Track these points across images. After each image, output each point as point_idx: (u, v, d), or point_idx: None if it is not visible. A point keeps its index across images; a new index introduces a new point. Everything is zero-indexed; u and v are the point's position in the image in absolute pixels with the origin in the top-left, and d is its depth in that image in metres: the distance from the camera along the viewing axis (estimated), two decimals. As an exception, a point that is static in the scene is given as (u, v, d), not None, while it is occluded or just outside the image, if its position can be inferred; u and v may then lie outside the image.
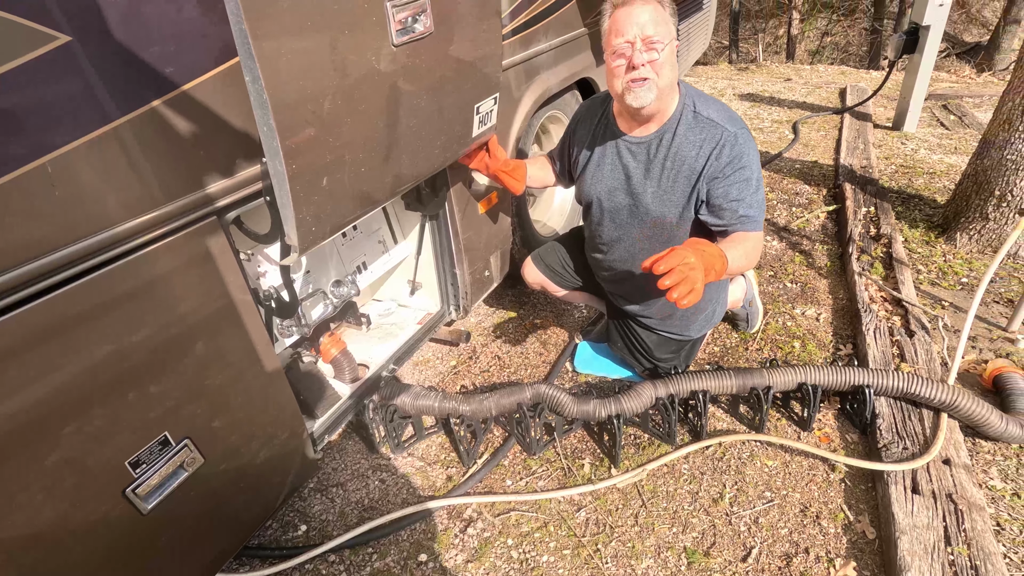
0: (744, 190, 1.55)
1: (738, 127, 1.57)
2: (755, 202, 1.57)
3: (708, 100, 1.63)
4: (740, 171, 1.54)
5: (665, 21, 1.49)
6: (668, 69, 1.50)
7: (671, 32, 1.50)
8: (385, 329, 2.18)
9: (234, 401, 1.28)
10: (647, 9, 1.47)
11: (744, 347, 2.26)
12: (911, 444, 1.65)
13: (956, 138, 4.07)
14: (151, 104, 1.02)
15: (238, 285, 1.23)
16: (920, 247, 2.76)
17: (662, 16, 1.48)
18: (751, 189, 1.56)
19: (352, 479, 1.88)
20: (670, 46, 1.49)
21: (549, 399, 1.83)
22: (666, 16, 1.49)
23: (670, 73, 1.51)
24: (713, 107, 1.60)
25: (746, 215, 1.56)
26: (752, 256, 1.58)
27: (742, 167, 1.54)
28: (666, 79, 1.51)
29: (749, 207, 1.56)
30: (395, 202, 2.06)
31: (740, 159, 1.54)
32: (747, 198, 1.55)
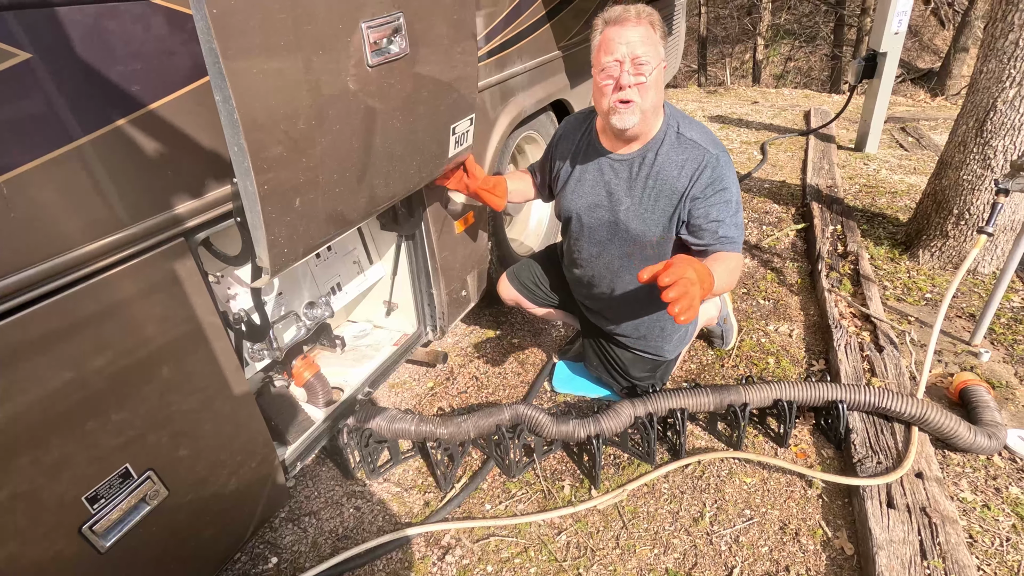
0: (724, 211, 1.57)
1: (720, 150, 1.59)
2: (735, 223, 1.58)
3: (692, 122, 1.65)
4: (721, 192, 1.56)
5: (655, 43, 1.50)
6: (654, 92, 1.51)
7: (660, 54, 1.51)
8: (360, 351, 2.14)
9: (201, 429, 1.23)
10: (638, 30, 1.47)
11: (720, 364, 2.28)
12: (884, 458, 1.67)
13: (915, 159, 4.24)
14: (116, 123, 1.00)
15: (206, 308, 1.19)
16: (885, 264, 2.84)
17: (652, 38, 1.49)
18: (731, 211, 1.57)
19: (326, 507, 1.82)
20: (658, 69, 1.51)
21: (528, 420, 1.81)
22: (656, 39, 1.50)
23: (655, 96, 1.52)
24: (696, 129, 1.63)
25: (726, 236, 1.57)
26: (734, 275, 1.57)
27: (723, 189, 1.56)
28: (651, 102, 1.52)
29: (729, 228, 1.57)
30: (370, 222, 2.04)
31: (721, 181, 1.56)
32: (727, 219, 1.57)
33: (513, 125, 2.27)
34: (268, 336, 1.54)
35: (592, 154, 1.73)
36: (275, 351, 1.59)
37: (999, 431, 1.72)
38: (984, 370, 2.10)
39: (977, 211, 2.55)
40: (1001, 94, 2.38)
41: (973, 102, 2.52)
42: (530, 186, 2.02)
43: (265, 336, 1.39)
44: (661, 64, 1.52)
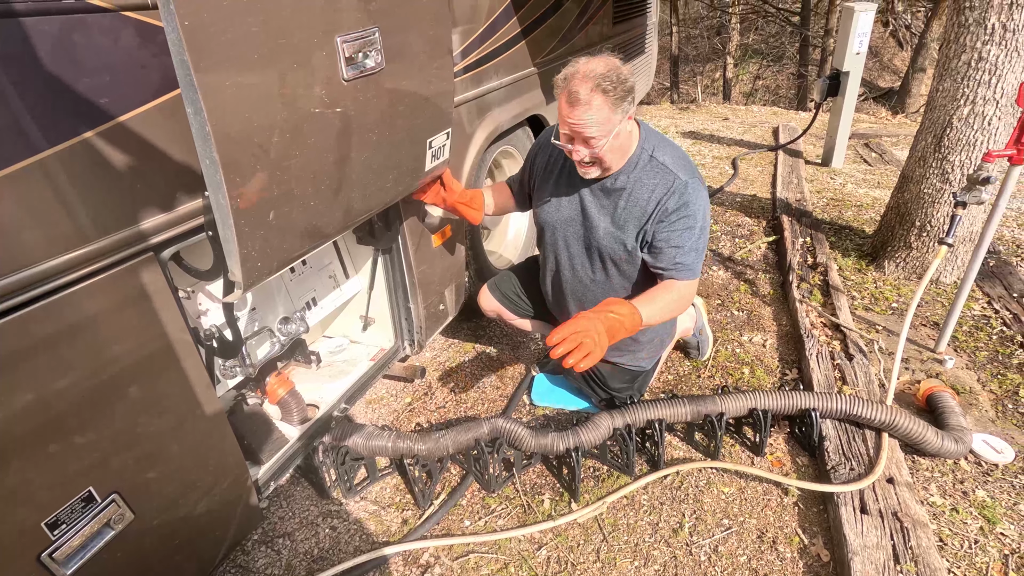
0: (685, 238, 1.58)
1: (690, 176, 1.59)
2: (693, 250, 1.59)
3: (666, 146, 1.65)
4: (685, 219, 1.57)
5: (604, 120, 1.44)
6: (612, 153, 1.54)
7: (612, 124, 1.46)
8: (336, 367, 2.11)
9: (170, 450, 1.20)
10: (585, 114, 1.43)
11: (696, 375, 2.30)
12: (857, 464, 1.71)
13: (878, 173, 4.39)
14: (83, 136, 0.97)
15: (176, 324, 1.16)
16: (853, 275, 2.92)
17: (600, 116, 1.43)
18: (692, 238, 1.58)
19: (300, 528, 1.77)
20: (613, 135, 1.48)
21: (507, 433, 1.80)
22: (606, 110, 1.43)
23: (614, 156, 1.55)
24: (670, 153, 1.63)
25: (682, 262, 1.59)
26: (676, 307, 1.61)
27: (687, 215, 1.57)
28: (608, 161, 1.56)
29: (687, 255, 1.59)
30: (346, 236, 2.02)
31: (687, 207, 1.57)
32: (686, 245, 1.58)
33: (490, 140, 2.28)
34: (241, 353, 1.51)
35: (568, 170, 1.75)
36: (248, 368, 1.55)
37: (965, 435, 1.77)
38: (949, 376, 2.17)
39: (938, 223, 2.65)
40: (956, 112, 2.49)
41: (931, 119, 2.63)
42: (508, 199, 2.03)
43: (237, 353, 1.36)
44: (615, 130, 1.48)
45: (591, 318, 1.39)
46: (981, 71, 2.39)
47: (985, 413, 1.99)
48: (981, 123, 2.44)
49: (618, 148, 1.55)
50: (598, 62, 1.46)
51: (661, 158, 1.62)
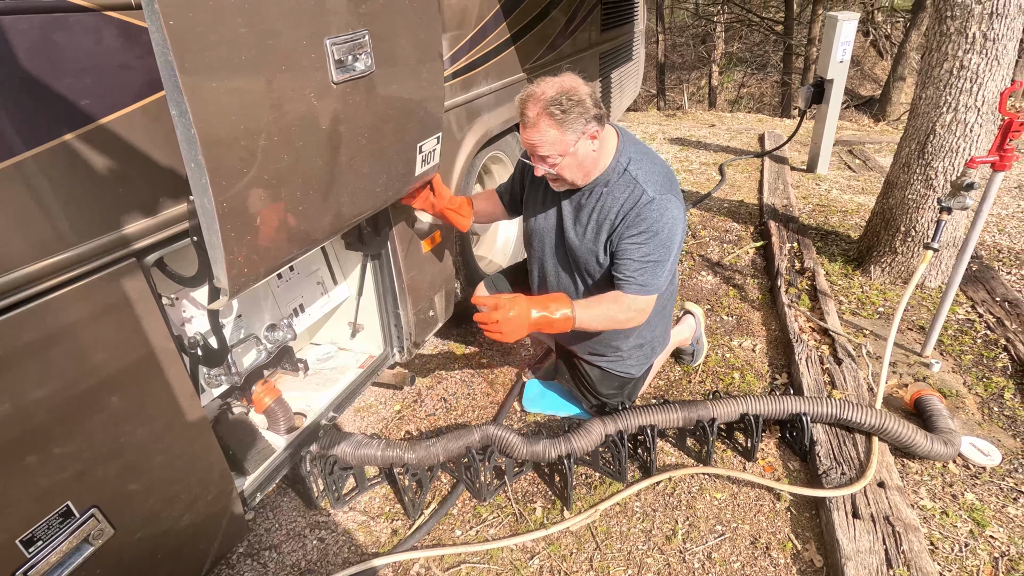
0: (639, 253, 1.58)
1: (661, 191, 1.57)
2: (646, 266, 1.59)
3: (643, 159, 1.64)
4: (642, 234, 1.57)
5: (554, 141, 1.50)
6: (571, 170, 1.57)
7: (565, 144, 1.51)
8: (324, 375, 2.08)
9: (152, 461, 1.16)
10: (536, 133, 1.51)
11: (687, 380, 2.30)
12: (848, 469, 1.71)
13: (863, 179, 4.46)
14: (63, 138, 0.95)
15: (159, 332, 1.13)
16: (840, 279, 2.95)
17: (549, 137, 1.49)
18: (646, 252, 1.58)
19: (287, 540, 1.73)
20: (569, 154, 1.53)
21: (498, 441, 1.78)
22: (554, 134, 1.49)
23: (575, 172, 1.58)
24: (645, 167, 1.62)
25: (632, 277, 1.60)
26: (622, 318, 1.63)
27: (645, 231, 1.57)
28: (572, 175, 1.59)
29: (638, 270, 1.59)
30: (335, 241, 1.99)
31: (649, 223, 1.56)
32: (638, 261, 1.59)
33: (479, 145, 2.27)
34: (226, 361, 1.48)
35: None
36: (234, 376, 1.52)
37: (954, 438, 1.78)
38: (936, 380, 2.19)
39: (922, 228, 2.68)
40: (939, 119, 2.53)
41: (914, 126, 2.67)
42: (497, 206, 2.02)
43: (223, 361, 1.32)
44: (571, 149, 1.52)
45: (520, 306, 1.53)
46: (963, 79, 2.43)
47: (972, 416, 2.01)
48: (963, 130, 2.48)
49: (577, 165, 1.57)
50: (550, 85, 1.49)
51: (634, 171, 1.62)
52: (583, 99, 1.49)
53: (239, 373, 1.54)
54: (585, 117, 1.50)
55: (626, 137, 1.69)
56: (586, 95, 1.50)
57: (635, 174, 1.62)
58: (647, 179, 1.61)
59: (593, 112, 1.51)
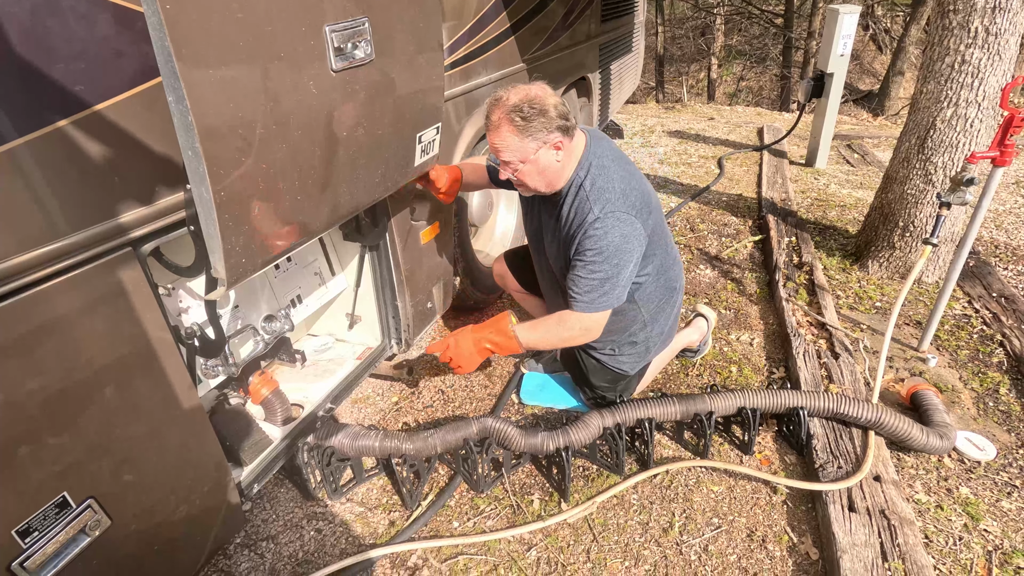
0: (583, 272, 1.59)
1: (609, 209, 1.56)
2: (594, 285, 1.59)
3: (602, 172, 1.61)
4: (586, 252, 1.58)
5: (515, 147, 1.52)
6: (532, 178, 1.59)
7: (525, 151, 1.53)
8: (321, 366, 2.07)
9: (149, 453, 1.15)
10: (498, 137, 1.53)
11: (684, 373, 2.30)
12: (844, 463, 1.72)
13: (861, 174, 4.45)
14: (56, 124, 0.93)
15: (155, 323, 1.12)
16: (838, 274, 2.95)
17: (510, 143, 1.51)
18: (594, 272, 1.58)
19: (284, 531, 1.73)
20: (530, 161, 1.55)
21: (496, 433, 1.78)
22: (515, 140, 1.51)
23: (537, 179, 1.60)
24: (600, 181, 1.60)
25: (579, 295, 1.61)
26: (564, 336, 1.69)
27: (591, 248, 1.57)
28: (533, 183, 1.61)
29: (579, 288, 1.61)
30: (332, 232, 1.98)
31: (593, 241, 1.56)
32: (581, 281, 1.60)
33: (479, 136, 2.26)
34: (223, 352, 1.47)
35: None
36: (231, 367, 1.51)
37: (949, 431, 1.79)
38: (932, 375, 2.20)
39: (920, 223, 2.68)
40: (940, 114, 2.52)
41: (915, 121, 2.66)
42: (483, 179, 2.00)
43: (220, 352, 1.31)
44: (532, 157, 1.54)
45: (464, 337, 1.71)
46: (964, 74, 2.42)
47: (967, 411, 2.02)
48: (964, 125, 2.48)
49: (538, 173, 1.59)
50: (516, 92, 1.51)
51: (588, 186, 1.61)
52: (546, 109, 1.50)
53: (236, 364, 1.53)
54: (547, 127, 1.51)
55: (596, 148, 1.67)
56: (551, 105, 1.51)
57: (588, 189, 1.60)
58: (597, 195, 1.59)
59: (557, 123, 1.52)
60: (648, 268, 1.76)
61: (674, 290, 1.91)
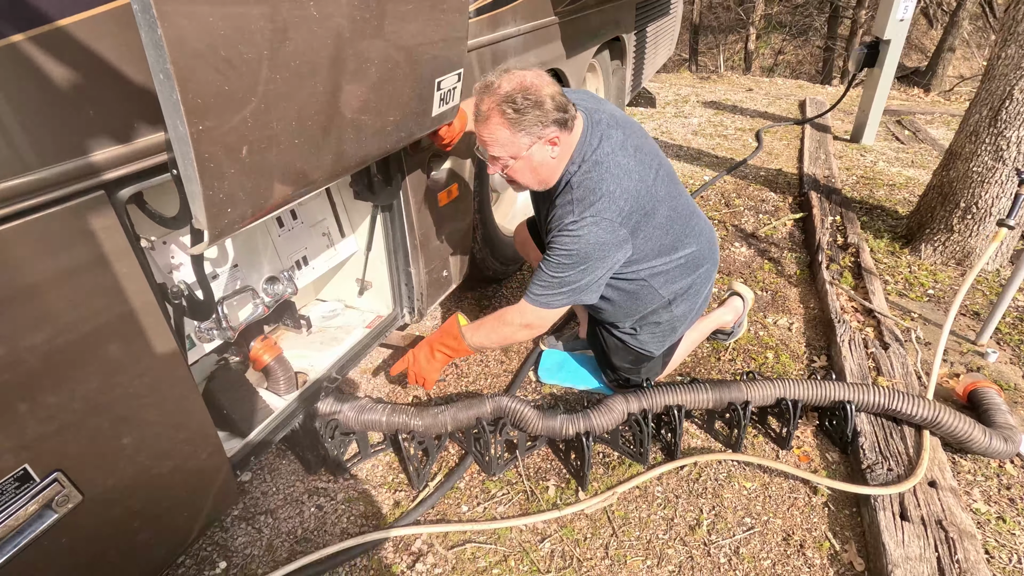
0: (545, 267, 1.51)
1: (589, 213, 1.43)
2: (547, 282, 1.51)
3: (592, 171, 1.46)
4: (556, 250, 1.48)
5: (504, 141, 1.39)
6: (524, 175, 1.48)
7: (516, 147, 1.40)
8: (329, 333, 1.95)
9: (126, 423, 1.04)
10: (486, 130, 1.40)
11: (716, 357, 2.14)
12: (895, 465, 1.55)
13: (912, 152, 4.15)
14: (9, 39, 0.78)
15: (132, 278, 0.99)
16: (886, 257, 2.73)
17: (500, 136, 1.39)
18: (552, 270, 1.49)
19: (284, 505, 1.64)
20: (522, 158, 1.43)
21: (512, 413, 1.65)
22: (504, 134, 1.38)
23: (529, 177, 1.49)
24: (589, 182, 1.46)
25: (531, 284, 1.55)
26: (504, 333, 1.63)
27: (559, 248, 1.48)
28: (526, 181, 1.50)
29: (536, 280, 1.53)
30: (343, 190, 1.83)
31: (564, 241, 1.46)
32: (542, 272, 1.51)
33: (504, 91, 2.07)
34: (218, 314, 1.34)
35: None
36: (226, 331, 1.39)
37: (1014, 434, 1.61)
38: (991, 371, 2.00)
39: (986, 205, 2.44)
40: (1019, 82, 2.25)
41: (988, 90, 2.40)
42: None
43: (210, 314, 1.19)
44: (524, 153, 1.42)
45: (421, 350, 1.72)
46: (1053, 36, 2.15)
47: (1032, 413, 1.83)
48: (1047, 95, 2.22)
49: (531, 170, 1.47)
50: (509, 79, 1.37)
51: (575, 184, 1.48)
52: (542, 100, 1.36)
53: (233, 328, 1.40)
54: (542, 121, 1.37)
55: (593, 136, 1.50)
56: (547, 96, 1.37)
57: (574, 188, 1.47)
58: (583, 195, 1.46)
59: (554, 116, 1.38)
60: (660, 256, 1.62)
61: (699, 267, 1.72)
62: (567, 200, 1.48)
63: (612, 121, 1.55)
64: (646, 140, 1.61)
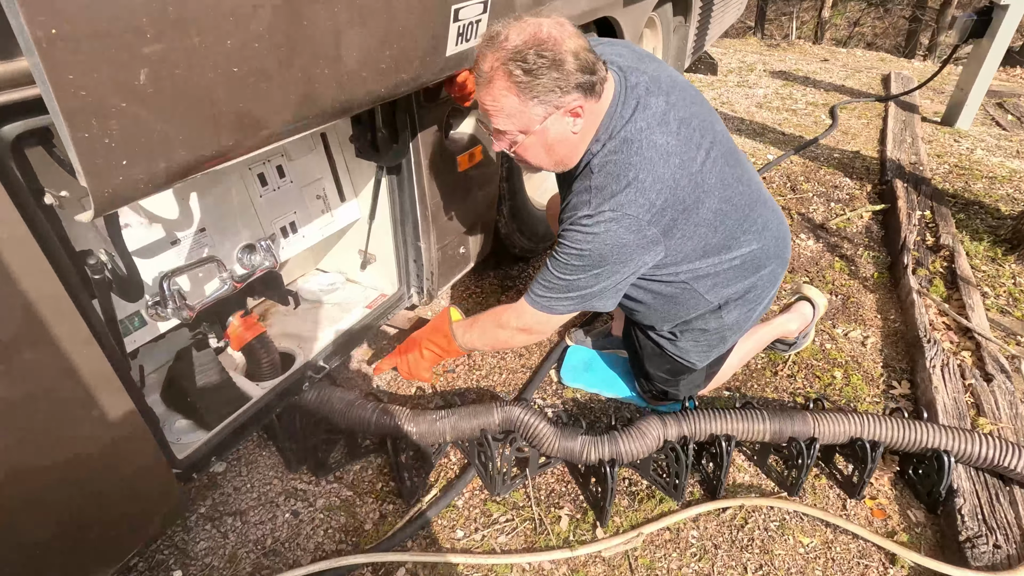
0: (551, 265, 1.23)
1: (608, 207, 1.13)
2: (551, 284, 1.23)
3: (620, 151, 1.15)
4: (564, 247, 1.20)
5: (511, 111, 1.07)
6: (536, 153, 1.16)
7: (526, 119, 1.08)
8: (324, 311, 1.70)
9: (19, 424, 0.81)
10: (488, 96, 1.07)
11: (772, 371, 1.81)
12: (1004, 540, 1.22)
13: (1017, 140, 3.59)
14: None
15: (21, 241, 0.74)
16: (985, 264, 2.30)
17: (505, 105, 1.06)
18: (558, 270, 1.22)
19: (257, 507, 1.43)
20: (535, 132, 1.10)
21: (524, 427, 1.38)
22: (512, 102, 1.05)
23: (542, 156, 1.17)
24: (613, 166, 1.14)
25: (533, 282, 1.28)
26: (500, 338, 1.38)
27: (569, 246, 1.18)
28: (538, 161, 1.18)
29: (540, 279, 1.26)
30: (344, 145, 1.55)
31: (575, 237, 1.17)
32: (547, 270, 1.24)
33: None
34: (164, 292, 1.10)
35: None
36: (181, 310, 1.15)
37: None
38: (1122, 419, 1.61)
39: None
40: None
41: None
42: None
43: (138, 295, 0.94)
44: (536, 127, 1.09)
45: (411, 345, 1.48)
46: None
47: None
48: None
49: (544, 148, 1.15)
50: (520, 30, 1.02)
51: (596, 168, 1.16)
52: (562, 58, 1.02)
53: (190, 306, 1.16)
54: (561, 85, 1.04)
55: (626, 106, 1.16)
56: (568, 53, 1.03)
57: (595, 172, 1.16)
58: (602, 182, 1.14)
59: (576, 79, 1.04)
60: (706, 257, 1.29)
61: (761, 269, 1.38)
62: (584, 187, 1.17)
63: (654, 85, 1.19)
64: (698, 110, 1.25)
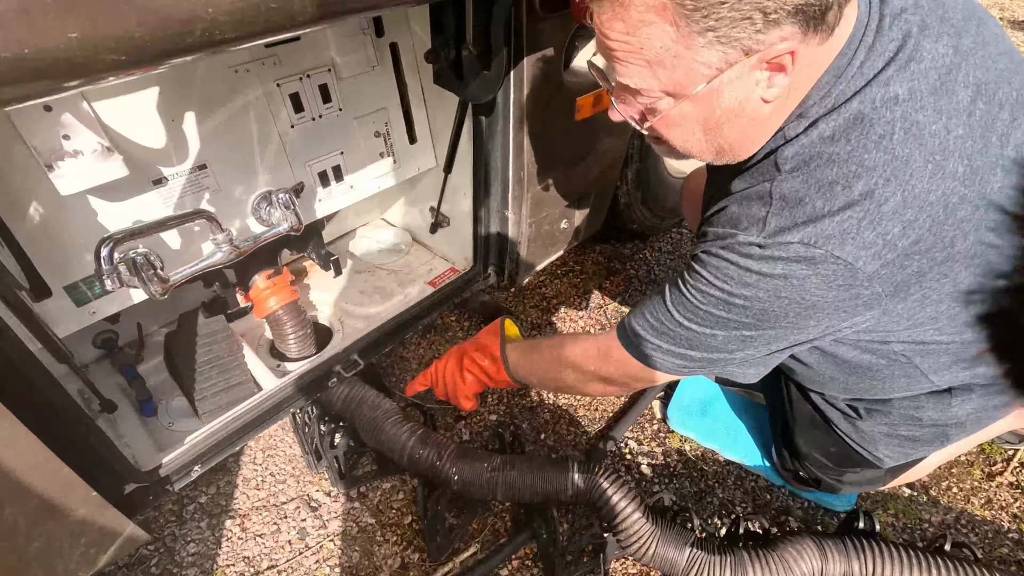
0: (671, 301, 0.77)
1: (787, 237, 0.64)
2: (661, 325, 0.79)
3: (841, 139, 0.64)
4: (697, 276, 0.73)
5: (663, 54, 0.59)
6: (686, 131, 0.68)
7: (689, 72, 0.60)
8: (376, 279, 1.35)
9: None
10: (617, 15, 0.58)
11: (981, 470, 1.23)
12: None
13: None
14: None
15: None
16: None
17: (654, 38, 0.58)
18: (677, 310, 0.76)
19: (261, 510, 1.17)
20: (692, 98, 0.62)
21: (607, 510, 0.97)
22: (669, 35, 0.57)
23: (697, 135, 0.68)
24: (824, 168, 0.64)
25: (632, 316, 0.85)
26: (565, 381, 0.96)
27: (703, 275, 0.72)
28: (687, 142, 0.70)
29: (647, 316, 0.81)
30: (422, 64, 1.11)
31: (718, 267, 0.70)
32: (659, 309, 0.79)
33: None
34: (100, 267, 0.76)
35: None
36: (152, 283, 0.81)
37: None
38: None
39: None
40: None
41: None
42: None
43: (44, 293, 0.59)
44: (698, 86, 0.60)
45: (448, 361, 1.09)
46: None
47: None
48: None
49: (702, 125, 0.67)
50: None
51: (792, 165, 0.66)
52: None
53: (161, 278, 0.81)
54: (764, 8, 0.54)
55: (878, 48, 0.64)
56: None
57: (782, 167, 0.67)
58: (799, 191, 0.65)
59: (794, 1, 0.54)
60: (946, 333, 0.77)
61: None
62: (761, 192, 0.69)
63: (933, 16, 0.66)
64: (1008, 66, 0.70)
